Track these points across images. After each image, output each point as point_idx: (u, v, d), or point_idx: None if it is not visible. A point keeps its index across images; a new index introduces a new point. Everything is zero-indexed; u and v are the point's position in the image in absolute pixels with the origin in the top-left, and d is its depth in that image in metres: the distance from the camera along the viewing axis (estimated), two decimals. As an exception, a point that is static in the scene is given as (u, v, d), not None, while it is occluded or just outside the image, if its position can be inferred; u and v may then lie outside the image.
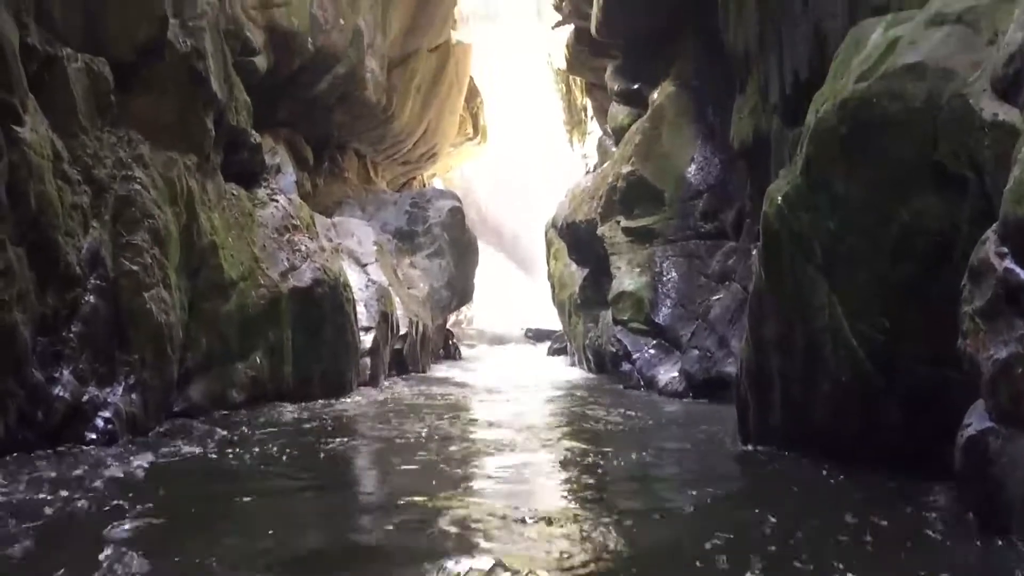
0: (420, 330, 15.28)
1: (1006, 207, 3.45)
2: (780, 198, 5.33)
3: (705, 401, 9.63)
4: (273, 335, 8.98)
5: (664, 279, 11.78)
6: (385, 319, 12.82)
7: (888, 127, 4.56)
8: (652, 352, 11.33)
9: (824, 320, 5.02)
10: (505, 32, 32.41)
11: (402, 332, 14.09)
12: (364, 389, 11.06)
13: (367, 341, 11.85)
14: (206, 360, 7.89)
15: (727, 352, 10.00)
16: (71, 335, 5.88)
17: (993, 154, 3.86)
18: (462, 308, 24.20)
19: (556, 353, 20.84)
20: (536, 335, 27.51)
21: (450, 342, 20.74)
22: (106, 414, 5.95)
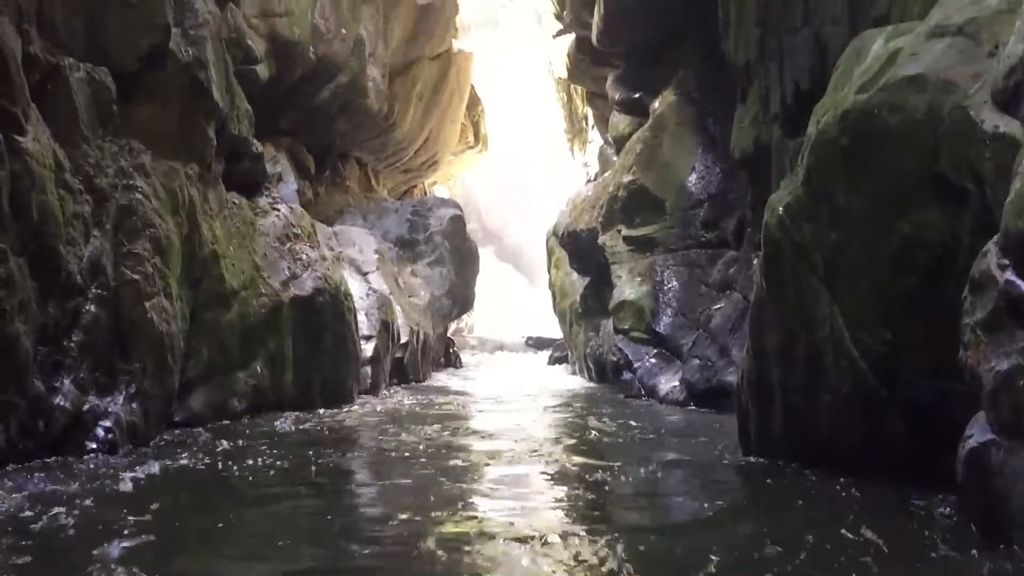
0: (421, 338, 15.27)
1: (1007, 219, 3.45)
2: (781, 208, 5.34)
3: (706, 410, 9.61)
4: (274, 344, 8.98)
5: (665, 288, 11.77)
6: (386, 328, 12.82)
7: (889, 139, 4.56)
8: (653, 361, 11.31)
9: (825, 331, 5.01)
10: (506, 41, 32.48)
11: (403, 341, 14.08)
12: (365, 398, 11.06)
13: (368, 350, 11.85)
14: (207, 369, 7.89)
15: (728, 361, 9.98)
16: (72, 344, 5.88)
17: (994, 166, 3.86)
18: (463, 316, 24.20)
19: (557, 362, 20.82)
20: (537, 343, 27.52)
21: (451, 350, 20.74)
22: (107, 423, 5.96)
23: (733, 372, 9.24)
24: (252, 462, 5.71)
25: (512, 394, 12.38)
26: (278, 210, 10.32)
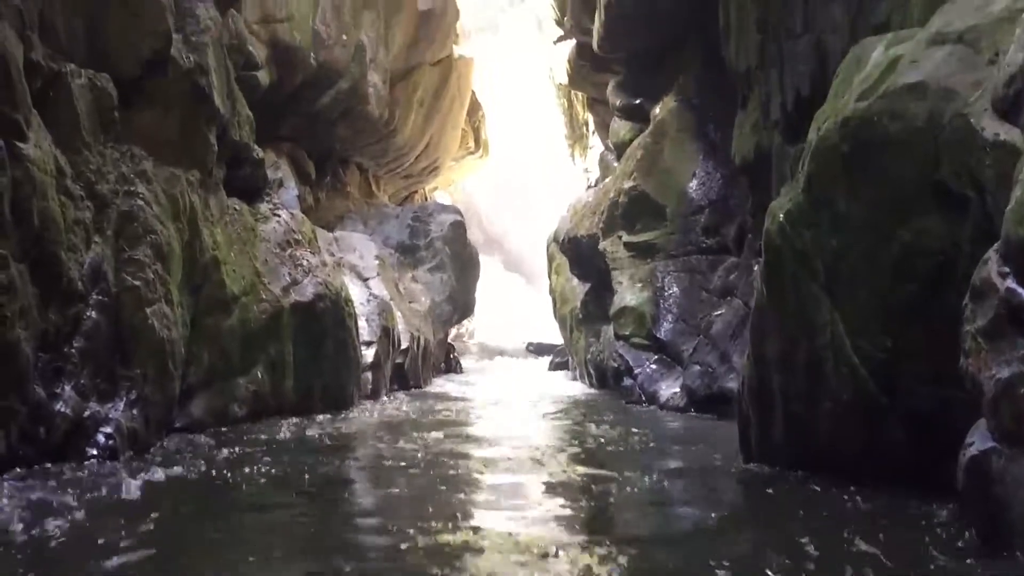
0: (421, 344, 15.27)
1: (1008, 227, 3.46)
2: (782, 215, 5.34)
3: (707, 416, 9.60)
4: (275, 350, 8.98)
5: (666, 294, 11.76)
6: (387, 333, 12.83)
7: (889, 146, 4.57)
8: (654, 367, 11.31)
9: (826, 338, 5.01)
10: (507, 47, 32.54)
11: (403, 346, 14.09)
12: (365, 403, 11.06)
13: (368, 355, 11.86)
14: (208, 375, 7.89)
15: (729, 368, 9.98)
16: (73, 351, 5.88)
17: (994, 174, 3.86)
18: (463, 322, 24.20)
19: (557, 368, 20.81)
20: (538, 349, 27.52)
21: (451, 356, 20.73)
22: (107, 430, 5.95)
23: (734, 378, 9.24)
24: (250, 470, 5.67)
25: (512, 400, 12.37)
26: (279, 216, 10.34)
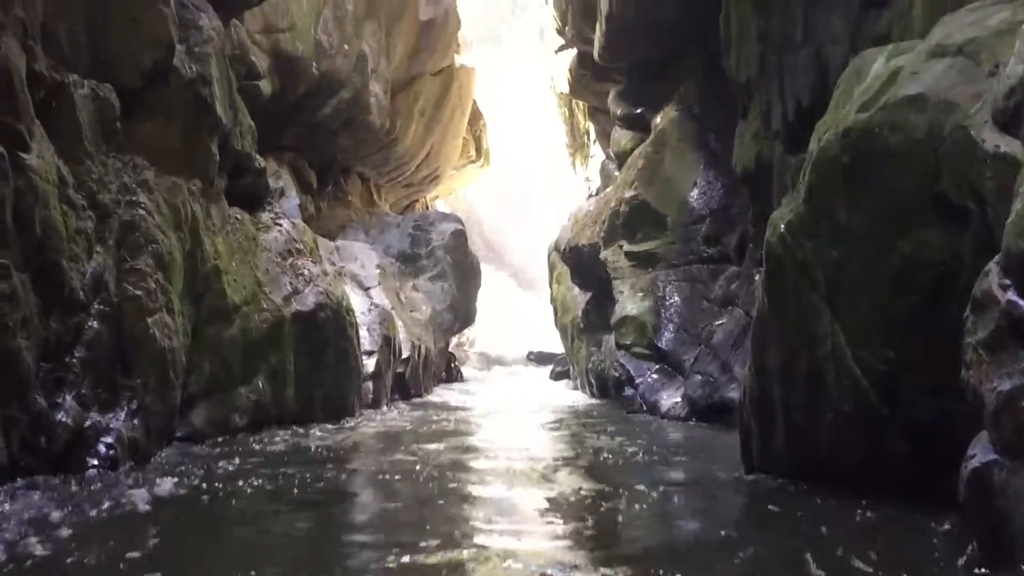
0: (422, 353, 15.27)
1: (1008, 240, 3.46)
2: (783, 226, 5.34)
3: (708, 426, 9.60)
4: (275, 359, 8.99)
5: (667, 303, 11.77)
6: (387, 343, 12.83)
7: (890, 158, 4.57)
8: (655, 377, 11.30)
9: (827, 348, 5.01)
10: (508, 56, 32.61)
11: (404, 356, 14.09)
12: (366, 413, 11.06)
13: (370, 365, 11.86)
14: (209, 385, 7.90)
15: (730, 377, 9.98)
16: (74, 360, 5.88)
17: (995, 186, 3.87)
18: (464, 331, 24.19)
19: (559, 377, 20.80)
20: (539, 358, 27.51)
21: (452, 365, 20.74)
22: (108, 440, 5.95)
23: (735, 388, 9.23)
24: (246, 483, 5.59)
25: (513, 410, 12.36)
26: (280, 225, 10.35)
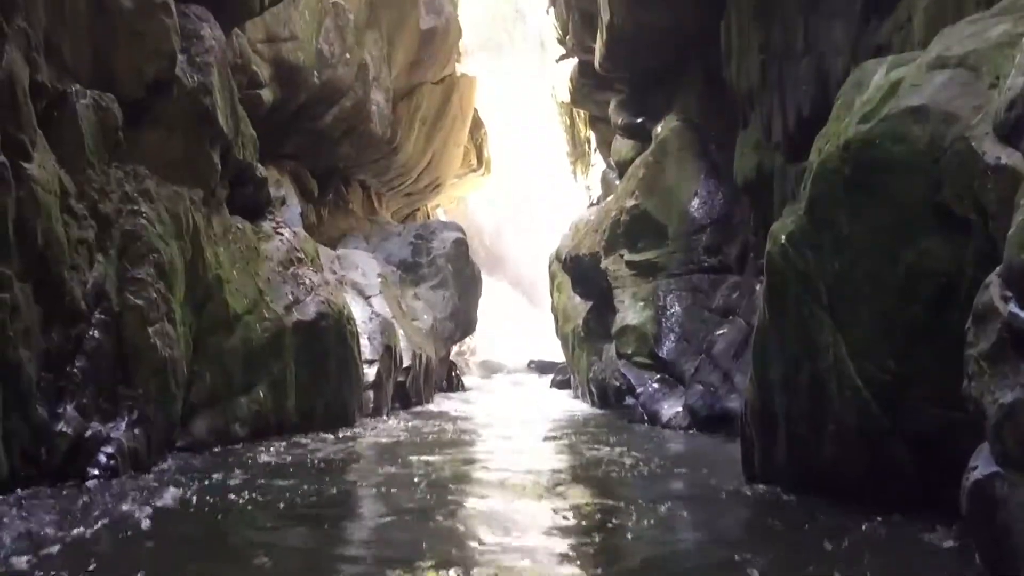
0: (423, 362, 15.26)
1: (1010, 252, 3.46)
2: (784, 237, 5.34)
3: (709, 436, 9.57)
4: (276, 368, 8.98)
5: (668, 313, 11.76)
6: (388, 352, 12.82)
7: (891, 169, 4.58)
8: (656, 386, 11.29)
9: (829, 359, 5.01)
10: (509, 65, 32.67)
11: (405, 364, 14.08)
12: (367, 422, 11.04)
13: (370, 374, 11.85)
14: (210, 395, 7.89)
15: (731, 387, 9.96)
16: (75, 370, 5.89)
17: (996, 197, 3.87)
18: (465, 339, 24.19)
19: (560, 386, 20.77)
20: (540, 367, 27.46)
21: (453, 373, 20.72)
22: (109, 450, 5.95)
23: (736, 398, 9.22)
24: (242, 496, 5.52)
25: (514, 420, 12.33)
26: (281, 234, 10.36)
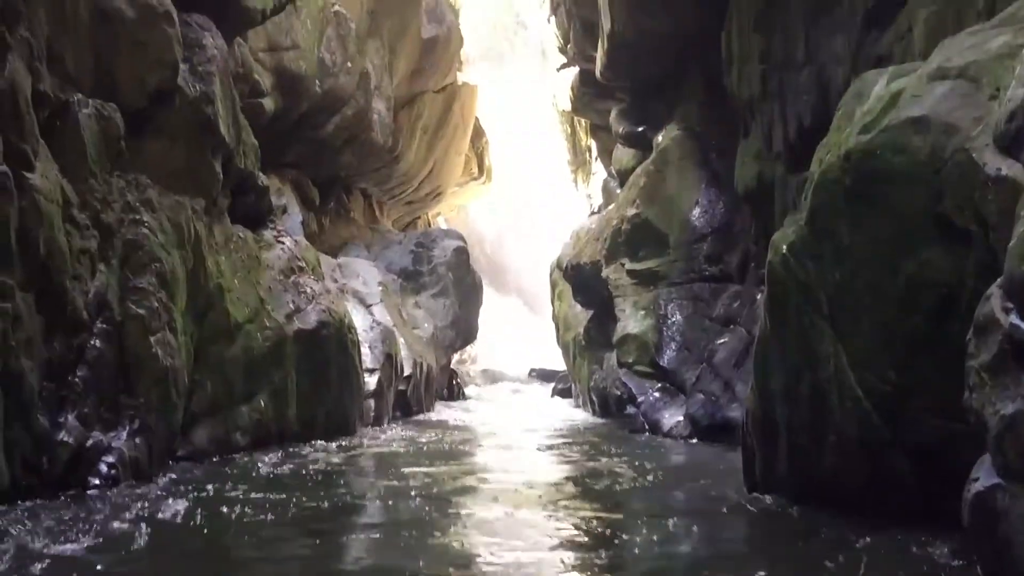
0: (424, 371, 15.25)
1: (1011, 263, 3.46)
2: (785, 247, 5.35)
3: (710, 445, 9.56)
4: (277, 377, 8.98)
5: (669, 322, 11.75)
6: (389, 360, 12.82)
7: (892, 179, 4.58)
8: (657, 395, 11.28)
9: (829, 370, 5.01)
10: (510, 73, 32.72)
11: (406, 373, 14.07)
12: (368, 431, 11.03)
13: (371, 383, 11.84)
14: (211, 404, 7.89)
15: (732, 396, 9.96)
16: (76, 379, 5.90)
17: (997, 208, 3.87)
18: (466, 348, 24.16)
19: (560, 394, 20.74)
20: (541, 375, 27.43)
21: (454, 382, 20.69)
22: (110, 459, 5.96)
23: (737, 407, 9.22)
24: (241, 507, 5.46)
25: (515, 429, 12.31)
26: (283, 243, 10.37)
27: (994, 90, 4.27)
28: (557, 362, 21.46)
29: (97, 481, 5.81)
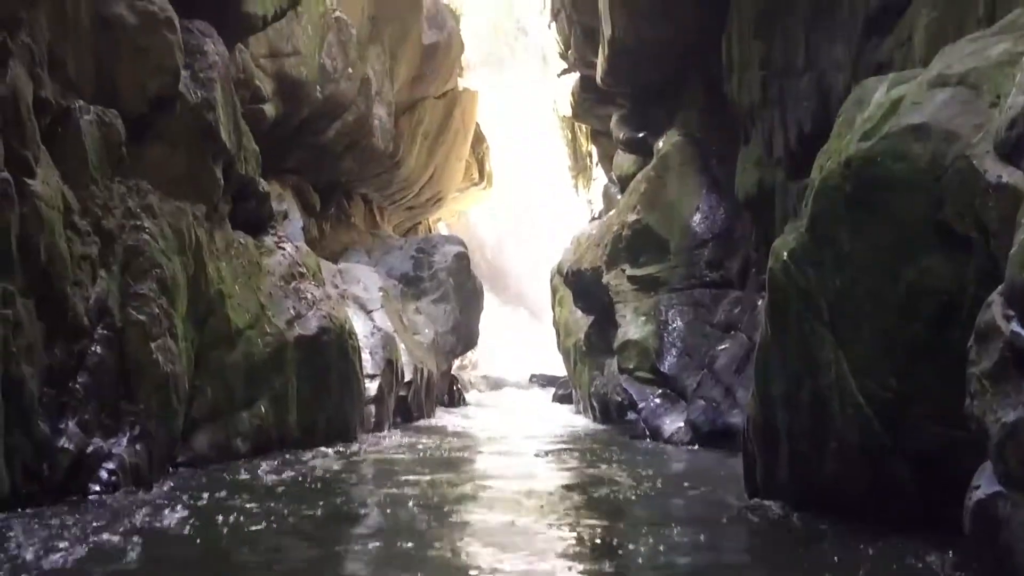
0: (425, 376, 15.25)
1: (1012, 271, 3.46)
2: (786, 254, 5.35)
3: (711, 451, 9.55)
4: (278, 383, 8.97)
5: (670, 328, 11.76)
6: (390, 366, 12.81)
7: (892, 186, 4.59)
8: (658, 401, 11.27)
9: (830, 377, 5.00)
10: (511, 79, 32.76)
11: (407, 379, 14.07)
12: (368, 437, 11.02)
13: (372, 389, 11.84)
14: (211, 410, 7.89)
15: (733, 402, 9.95)
16: (77, 386, 5.89)
17: (998, 216, 3.88)
18: (467, 353, 24.16)
19: (561, 400, 20.73)
20: (542, 380, 27.45)
21: (455, 388, 20.68)
22: (110, 466, 5.95)
23: (738, 414, 9.22)
24: (239, 515, 5.40)
25: (516, 435, 12.28)
26: (284, 249, 10.37)
27: (995, 97, 4.28)
28: (558, 367, 21.47)
29: (97, 488, 5.80)
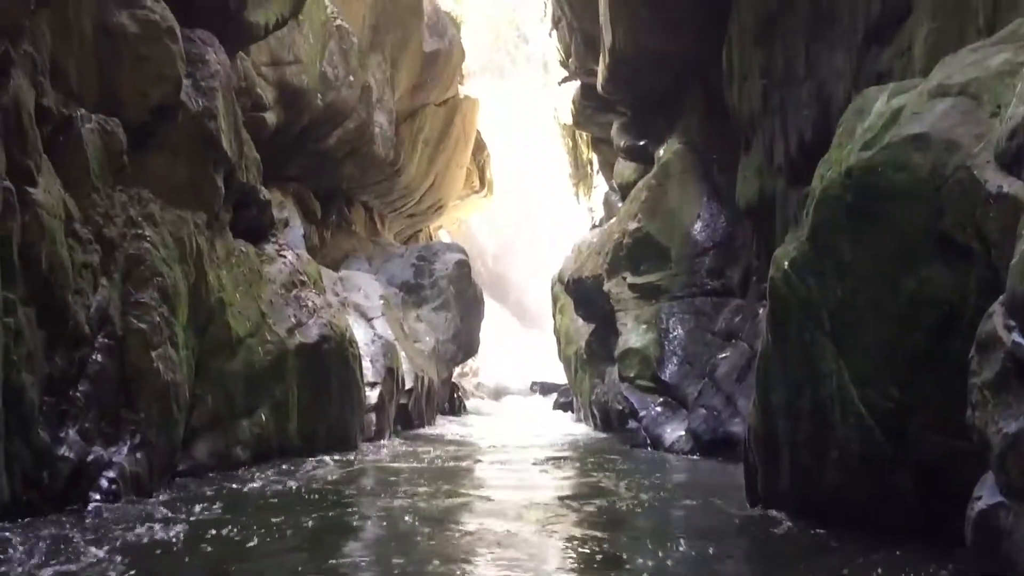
0: (425, 384, 15.24)
1: (1013, 281, 3.46)
2: (787, 263, 5.35)
3: (712, 460, 9.54)
4: (278, 391, 8.96)
5: (671, 336, 11.75)
6: (391, 374, 12.81)
7: (893, 196, 4.59)
8: (659, 410, 11.26)
9: (832, 386, 5.00)
10: (512, 87, 32.82)
11: (408, 387, 14.06)
12: (368, 445, 11.00)
13: (372, 397, 11.83)
14: (212, 418, 7.88)
15: (734, 411, 9.94)
16: (77, 394, 5.88)
17: (998, 226, 3.88)
18: (468, 361, 24.15)
19: (562, 408, 20.73)
20: (543, 388, 27.45)
21: (456, 395, 20.68)
22: (110, 474, 5.93)
23: (739, 422, 9.21)
24: (236, 527, 5.36)
25: (516, 444, 12.26)
26: (284, 257, 10.37)
27: (995, 107, 4.29)
28: (559, 375, 21.46)
29: (98, 496, 5.78)
